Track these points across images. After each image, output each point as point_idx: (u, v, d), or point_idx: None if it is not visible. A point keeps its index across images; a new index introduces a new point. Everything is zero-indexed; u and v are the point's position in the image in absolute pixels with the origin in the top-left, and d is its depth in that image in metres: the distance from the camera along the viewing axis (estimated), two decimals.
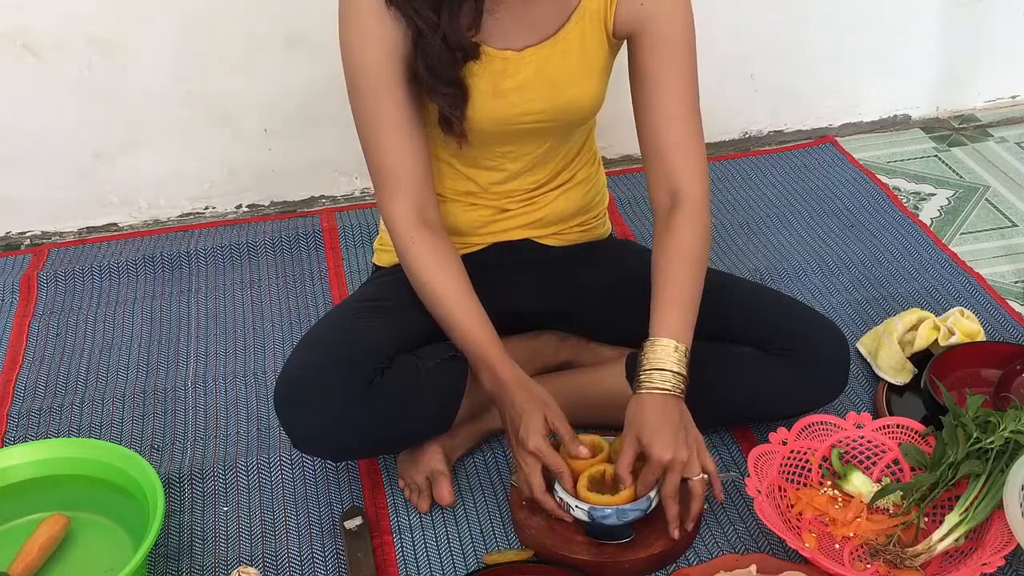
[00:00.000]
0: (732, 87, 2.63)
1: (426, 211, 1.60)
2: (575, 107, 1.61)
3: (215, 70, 2.40)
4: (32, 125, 2.40)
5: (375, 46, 1.51)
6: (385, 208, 1.61)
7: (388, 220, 1.61)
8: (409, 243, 1.59)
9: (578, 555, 1.52)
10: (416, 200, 1.59)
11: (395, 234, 1.60)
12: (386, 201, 1.60)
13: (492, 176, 1.67)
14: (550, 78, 1.57)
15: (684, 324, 1.54)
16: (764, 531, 1.57)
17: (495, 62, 1.54)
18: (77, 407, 1.95)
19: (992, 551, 1.43)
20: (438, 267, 1.59)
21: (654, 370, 1.52)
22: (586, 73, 1.58)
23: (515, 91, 1.56)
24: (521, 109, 1.57)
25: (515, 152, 1.65)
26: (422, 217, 1.59)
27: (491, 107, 1.56)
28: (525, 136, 1.63)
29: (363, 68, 1.53)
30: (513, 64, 1.55)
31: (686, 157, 1.60)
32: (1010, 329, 2.00)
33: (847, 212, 2.40)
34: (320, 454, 1.67)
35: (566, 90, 1.58)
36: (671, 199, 1.61)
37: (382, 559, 1.59)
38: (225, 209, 2.58)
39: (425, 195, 1.60)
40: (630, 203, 2.42)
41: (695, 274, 1.58)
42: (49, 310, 2.23)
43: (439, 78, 1.51)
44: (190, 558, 1.63)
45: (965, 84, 2.79)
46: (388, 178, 1.59)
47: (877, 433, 1.64)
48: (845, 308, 2.07)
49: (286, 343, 2.08)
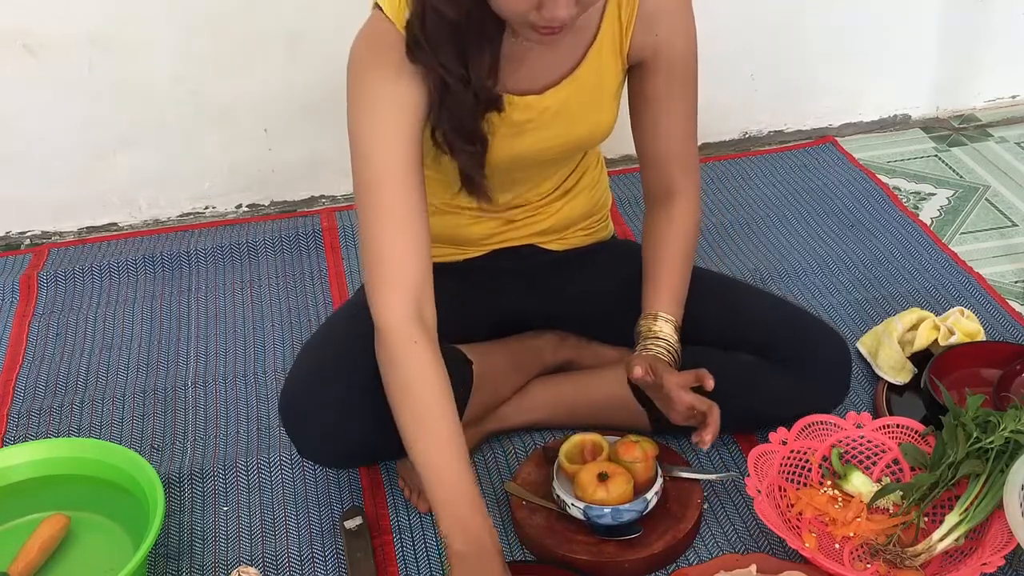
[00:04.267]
0: (732, 87, 2.63)
1: (424, 312, 1.44)
2: (592, 137, 1.62)
3: (215, 69, 2.40)
4: (32, 125, 2.40)
5: (391, 126, 1.41)
6: (379, 298, 1.43)
7: (381, 310, 1.43)
8: (410, 342, 1.41)
9: (578, 555, 1.52)
10: (417, 299, 1.43)
11: (389, 328, 1.42)
12: (381, 291, 1.43)
13: (503, 198, 1.66)
14: (569, 114, 1.55)
15: (678, 307, 1.61)
16: (764, 531, 1.57)
17: (518, 110, 1.50)
18: (77, 407, 1.95)
19: (992, 551, 1.43)
20: (424, 384, 1.41)
21: (655, 337, 1.56)
22: (603, 103, 1.58)
23: (536, 132, 1.54)
24: (540, 147, 1.57)
25: (525, 176, 1.65)
26: (420, 317, 1.43)
27: (509, 149, 1.53)
28: (541, 166, 1.63)
29: (374, 154, 1.43)
30: (535, 109, 1.52)
31: (682, 165, 1.64)
32: (1010, 329, 2.00)
33: (847, 212, 2.40)
34: (326, 462, 1.67)
35: (584, 123, 1.58)
36: (665, 196, 1.65)
37: (382, 559, 1.59)
38: (225, 209, 2.58)
39: (425, 296, 1.45)
40: (629, 203, 2.42)
41: (686, 265, 1.64)
42: (49, 310, 2.23)
43: (461, 135, 1.44)
44: (190, 558, 1.63)
45: (965, 84, 2.79)
46: (388, 271, 1.43)
47: (877, 433, 1.64)
48: (845, 308, 2.07)
49: (286, 343, 2.08)
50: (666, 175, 1.64)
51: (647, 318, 1.60)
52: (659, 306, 1.59)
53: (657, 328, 1.58)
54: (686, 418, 1.52)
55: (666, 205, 1.65)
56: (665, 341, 1.57)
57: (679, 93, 1.59)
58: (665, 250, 1.63)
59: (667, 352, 1.56)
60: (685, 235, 1.64)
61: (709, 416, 1.49)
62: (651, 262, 1.64)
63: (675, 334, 1.58)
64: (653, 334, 1.57)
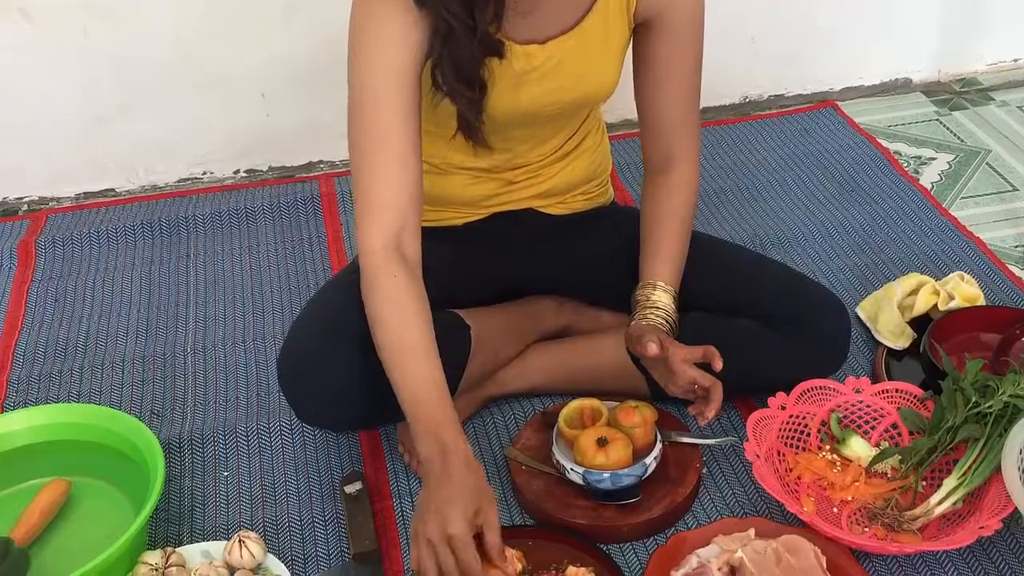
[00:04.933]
0: (733, 51, 2.61)
1: (404, 244, 1.45)
2: (595, 94, 1.61)
3: (212, 34, 2.38)
4: (29, 91, 2.39)
5: (393, 59, 1.42)
6: (362, 231, 1.45)
7: (361, 242, 1.45)
8: (378, 271, 1.43)
9: (577, 519, 1.53)
10: (395, 231, 1.44)
11: (365, 258, 1.44)
12: (365, 224, 1.45)
13: (501, 156, 1.66)
14: (573, 68, 1.54)
15: (676, 274, 1.62)
16: (763, 495, 1.57)
17: (519, 58, 1.50)
18: (77, 372, 1.95)
19: (990, 514, 1.44)
20: (402, 309, 1.43)
21: (653, 306, 1.57)
22: (607, 61, 1.57)
23: (538, 83, 1.53)
24: (542, 101, 1.56)
25: (525, 134, 1.64)
26: (399, 248, 1.44)
27: (512, 101, 1.53)
28: (541, 122, 1.62)
29: (376, 89, 1.43)
30: (537, 58, 1.52)
31: (683, 132, 1.64)
32: (1010, 293, 1.99)
33: (848, 176, 2.39)
34: (325, 427, 1.68)
35: (588, 79, 1.57)
36: (665, 162, 1.65)
37: (382, 523, 1.60)
38: (223, 174, 2.57)
39: (409, 228, 1.46)
40: (629, 168, 2.41)
41: (684, 234, 1.65)
42: (48, 276, 2.23)
43: (463, 80, 1.44)
44: (191, 522, 1.63)
45: (967, 47, 2.77)
46: (374, 204, 1.45)
47: (876, 397, 1.64)
48: (845, 273, 2.07)
49: (285, 309, 2.08)
50: (667, 142, 1.64)
51: (645, 287, 1.60)
52: (657, 275, 1.60)
53: (656, 298, 1.58)
54: (685, 392, 1.53)
55: (665, 172, 1.65)
56: (663, 311, 1.57)
57: (684, 57, 1.58)
58: (664, 219, 1.63)
59: (665, 322, 1.56)
60: (684, 204, 1.65)
61: (712, 392, 1.50)
62: (650, 231, 1.64)
63: (673, 304, 1.59)
64: (652, 304, 1.58)
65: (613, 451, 1.53)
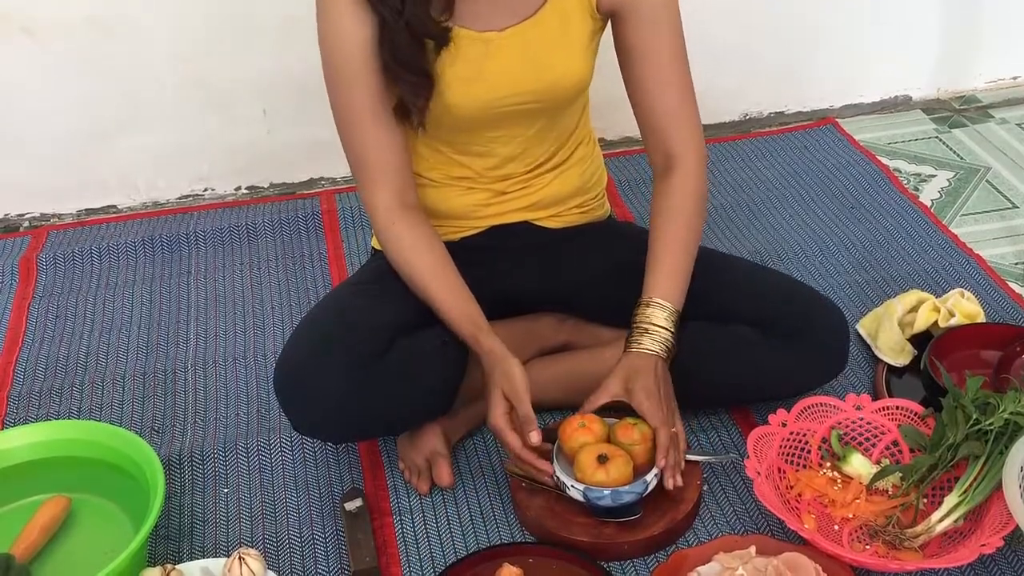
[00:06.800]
0: (733, 68, 2.62)
1: (405, 196, 1.62)
2: (560, 86, 1.60)
3: (213, 51, 2.39)
4: (30, 107, 2.39)
5: (350, 38, 1.53)
6: (367, 201, 1.63)
7: (370, 211, 1.63)
8: (389, 225, 1.61)
9: (578, 536, 1.53)
10: (395, 188, 1.61)
11: (376, 216, 1.62)
12: (367, 193, 1.62)
13: (485, 162, 1.67)
14: (533, 57, 1.56)
15: (677, 288, 1.60)
16: (763, 512, 1.57)
17: (475, 45, 1.53)
18: (77, 389, 1.95)
19: (991, 532, 1.43)
20: (415, 246, 1.60)
21: (650, 326, 1.56)
22: (570, 51, 1.58)
23: (497, 74, 1.55)
24: (505, 91, 1.57)
25: (505, 136, 1.64)
26: (401, 202, 1.61)
27: (473, 92, 1.55)
28: (512, 119, 1.62)
29: (339, 61, 1.55)
30: (495, 46, 1.54)
31: (678, 123, 1.63)
32: (1010, 310, 1.99)
33: (847, 193, 2.39)
34: (321, 437, 1.68)
35: (551, 69, 1.58)
36: (666, 161, 1.65)
37: (382, 540, 1.60)
38: (224, 191, 2.57)
39: (404, 182, 1.62)
40: (630, 185, 2.42)
41: (688, 237, 1.63)
42: (49, 292, 2.23)
43: (404, 67, 1.51)
44: (191, 540, 1.63)
45: (966, 65, 2.78)
46: (368, 170, 1.60)
47: (876, 415, 1.64)
48: (845, 290, 2.07)
49: (286, 325, 2.08)
50: (662, 137, 1.63)
51: (641, 305, 1.59)
52: (655, 291, 1.58)
53: (649, 315, 1.57)
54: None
55: (667, 176, 1.64)
56: (658, 334, 1.56)
57: (660, 45, 1.59)
58: (665, 228, 1.62)
59: (652, 351, 1.55)
60: (685, 211, 1.62)
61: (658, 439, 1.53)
62: (652, 241, 1.62)
63: (669, 320, 1.57)
64: (644, 326, 1.57)
65: (614, 468, 1.53)
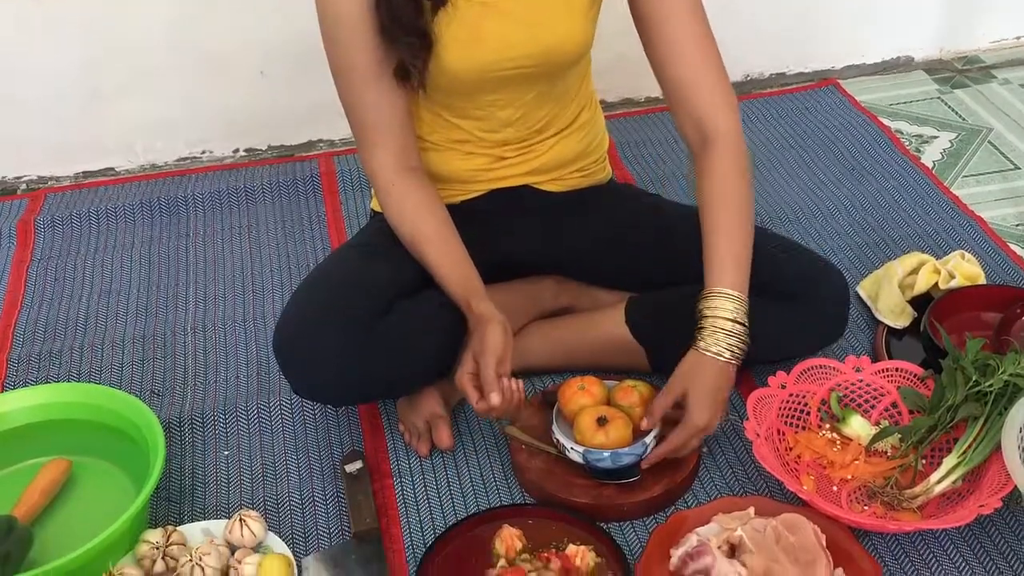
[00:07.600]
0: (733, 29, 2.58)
1: (407, 158, 1.61)
2: (560, 49, 1.58)
3: (211, 12, 2.37)
4: (28, 69, 2.38)
5: (348, 10, 1.51)
6: (366, 162, 1.62)
7: (370, 172, 1.62)
8: (390, 187, 1.60)
9: (577, 498, 1.53)
10: (396, 149, 1.59)
11: (376, 183, 1.61)
12: (367, 154, 1.61)
13: (484, 125, 1.65)
14: (532, 20, 1.54)
15: (741, 273, 1.53)
16: (762, 474, 1.57)
17: (473, 7, 1.51)
18: (76, 352, 1.95)
19: (989, 493, 1.44)
20: (414, 209, 1.59)
21: (717, 320, 1.51)
22: (569, 13, 1.56)
23: (496, 36, 1.53)
24: (504, 55, 1.55)
25: (503, 100, 1.62)
26: (403, 164, 1.60)
27: (471, 55, 1.53)
28: (511, 83, 1.60)
29: (336, 22, 1.53)
30: (493, 8, 1.52)
31: (705, 90, 1.58)
32: (1011, 272, 1.99)
33: (849, 155, 2.38)
34: (321, 400, 1.68)
35: (550, 32, 1.55)
36: (700, 135, 1.59)
37: (382, 502, 1.60)
38: (222, 153, 2.56)
39: (405, 143, 1.61)
40: (630, 147, 2.40)
41: (742, 217, 1.56)
42: (47, 255, 2.23)
43: (402, 27, 1.49)
44: (191, 501, 1.64)
45: (969, 25, 2.76)
46: (368, 132, 1.59)
47: (876, 376, 1.64)
48: (846, 251, 2.07)
49: (284, 288, 2.08)
50: (694, 113, 1.58)
51: (704, 298, 1.53)
52: (716, 280, 1.52)
53: (715, 307, 1.51)
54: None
55: (705, 154, 1.58)
56: (722, 331, 1.51)
57: (680, 8, 1.56)
58: (714, 213, 1.55)
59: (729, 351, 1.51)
60: (732, 191, 1.56)
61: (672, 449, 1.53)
62: (704, 228, 1.56)
63: (740, 312, 1.52)
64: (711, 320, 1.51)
65: (613, 430, 1.53)
